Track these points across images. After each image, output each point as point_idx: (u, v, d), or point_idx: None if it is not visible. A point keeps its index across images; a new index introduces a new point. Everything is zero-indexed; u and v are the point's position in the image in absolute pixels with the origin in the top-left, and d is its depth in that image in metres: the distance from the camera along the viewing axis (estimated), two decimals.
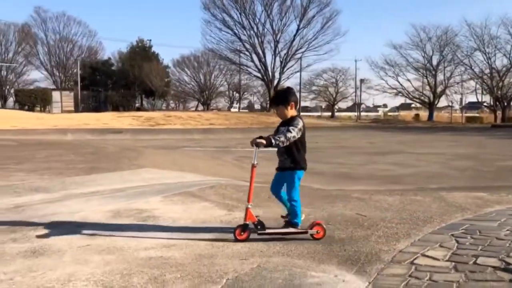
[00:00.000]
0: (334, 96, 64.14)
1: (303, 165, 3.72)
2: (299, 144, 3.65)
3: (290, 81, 49.68)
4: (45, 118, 33.16)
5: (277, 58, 44.85)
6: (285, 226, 3.68)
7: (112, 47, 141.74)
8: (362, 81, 54.29)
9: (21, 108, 39.79)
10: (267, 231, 3.55)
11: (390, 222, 4.12)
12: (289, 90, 3.88)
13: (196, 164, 10.62)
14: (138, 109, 43.83)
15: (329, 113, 61.60)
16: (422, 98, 51.11)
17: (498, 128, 33.48)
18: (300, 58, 46.98)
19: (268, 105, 45.90)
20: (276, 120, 3.82)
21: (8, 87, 53.54)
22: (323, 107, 74.09)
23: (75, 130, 25.71)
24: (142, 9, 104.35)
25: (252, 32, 44.07)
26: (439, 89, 48.63)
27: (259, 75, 45.12)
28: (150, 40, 51.71)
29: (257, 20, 44.01)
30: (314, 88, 66.18)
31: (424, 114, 53.69)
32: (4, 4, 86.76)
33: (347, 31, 78.59)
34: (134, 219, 4.25)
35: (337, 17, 46.99)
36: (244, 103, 73.96)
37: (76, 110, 41.94)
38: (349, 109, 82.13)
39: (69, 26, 54.14)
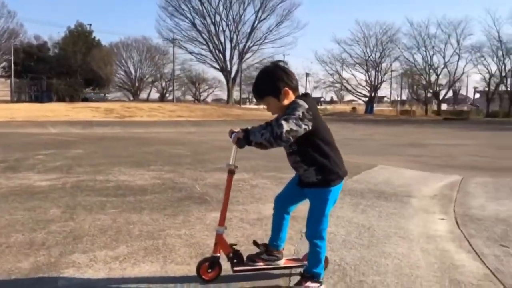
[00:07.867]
0: None
1: (336, 175, 2.25)
2: (318, 140, 2.21)
3: (244, 74, 49.56)
4: None
5: (236, 51, 44.41)
6: (299, 283, 2.30)
7: (34, 30, 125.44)
8: (307, 74, 56.13)
9: None
10: (247, 266, 2.36)
11: None
12: (275, 71, 2.24)
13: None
14: (85, 100, 40.30)
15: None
16: (363, 92, 54.41)
17: (451, 120, 36.85)
18: (244, 52, 46.98)
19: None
20: (240, 112, 1.92)
21: None
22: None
23: (52, 122, 22.95)
24: None
25: (209, 21, 43.10)
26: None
27: (217, 65, 44.32)
28: (90, 24, 47.83)
29: (213, 10, 43.15)
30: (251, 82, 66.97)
31: (360, 107, 57.11)
32: None
33: (306, 24, 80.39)
34: None
35: (296, 10, 47.85)
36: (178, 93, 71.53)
37: (12, 100, 37.23)
38: None
39: None
